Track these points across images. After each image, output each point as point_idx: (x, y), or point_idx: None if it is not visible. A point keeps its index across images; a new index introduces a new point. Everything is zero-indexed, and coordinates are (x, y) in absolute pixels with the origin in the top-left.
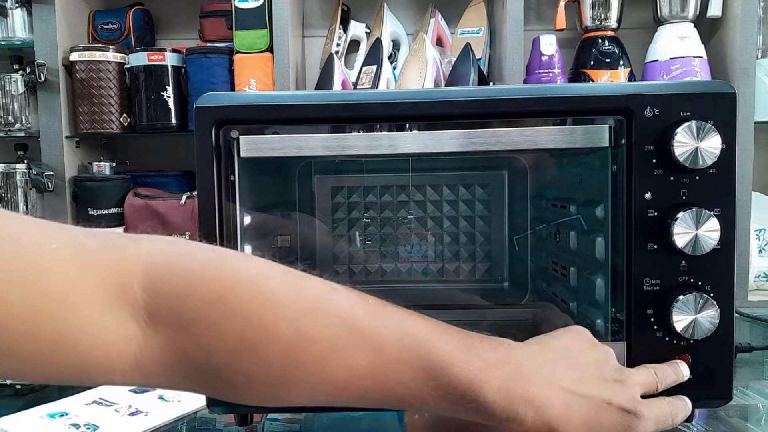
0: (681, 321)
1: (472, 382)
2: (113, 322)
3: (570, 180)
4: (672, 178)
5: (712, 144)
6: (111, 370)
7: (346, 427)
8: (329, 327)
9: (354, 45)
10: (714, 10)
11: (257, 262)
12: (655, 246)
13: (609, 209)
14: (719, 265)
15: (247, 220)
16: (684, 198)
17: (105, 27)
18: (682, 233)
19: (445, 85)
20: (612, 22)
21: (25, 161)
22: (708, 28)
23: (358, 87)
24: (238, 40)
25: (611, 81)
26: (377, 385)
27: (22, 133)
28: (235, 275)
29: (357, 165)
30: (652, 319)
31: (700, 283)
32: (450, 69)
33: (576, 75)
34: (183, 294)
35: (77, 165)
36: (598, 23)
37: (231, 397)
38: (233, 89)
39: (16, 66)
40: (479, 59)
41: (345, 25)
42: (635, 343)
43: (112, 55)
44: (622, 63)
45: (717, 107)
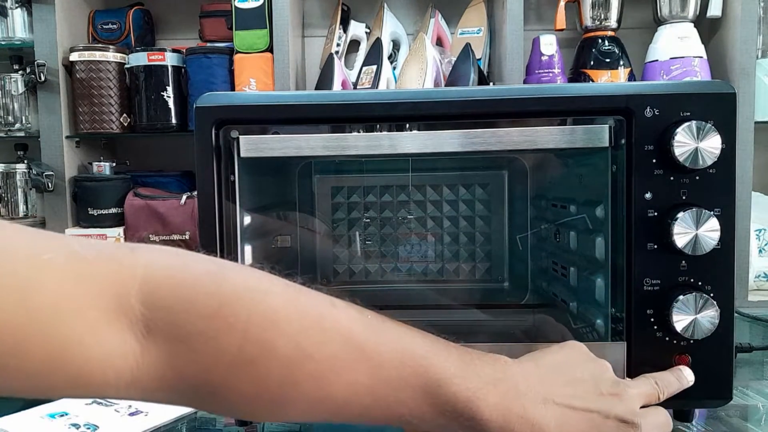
0: (681, 321)
1: (469, 399)
2: (110, 335)
3: (570, 180)
4: (672, 178)
5: (712, 144)
6: (106, 384)
7: (346, 428)
8: (328, 344)
9: (354, 45)
10: (714, 10)
11: (257, 275)
12: (655, 246)
13: (609, 209)
14: (719, 265)
15: (247, 220)
16: (684, 198)
17: (105, 27)
18: (682, 233)
19: (445, 85)
20: (612, 22)
21: (25, 161)
22: (708, 28)
23: (358, 87)
24: (238, 40)
25: (611, 81)
26: (376, 403)
27: (22, 133)
28: (234, 290)
29: (357, 165)
30: (652, 319)
31: (700, 283)
32: (450, 69)
33: (576, 75)
34: (181, 308)
35: (77, 165)
36: (598, 23)
37: (229, 414)
38: (233, 89)
39: (16, 66)
40: (479, 59)
41: (345, 25)
42: (635, 343)
43: (112, 55)
44: (622, 63)
45: (717, 107)
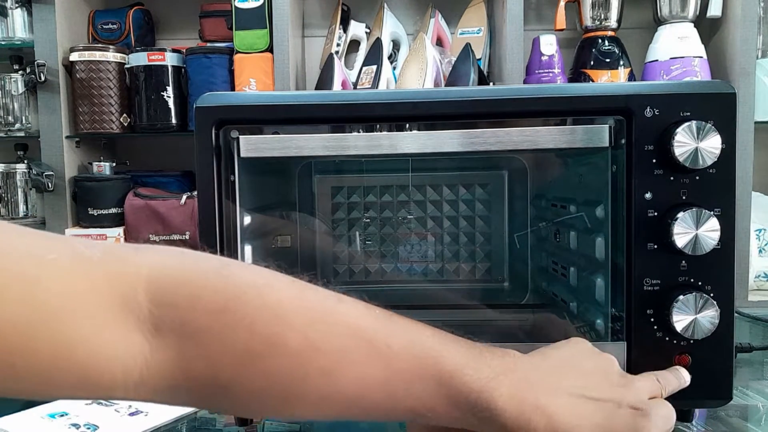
0: (681, 321)
1: (483, 390)
2: (117, 334)
3: (570, 180)
4: (672, 178)
5: (712, 144)
6: (114, 384)
7: (346, 427)
8: (337, 337)
9: (354, 45)
10: (714, 10)
11: (262, 272)
12: (655, 246)
13: (609, 209)
14: (719, 265)
15: (247, 220)
16: (684, 198)
17: (105, 27)
18: (682, 233)
19: (445, 85)
20: (612, 22)
21: (25, 161)
22: (708, 28)
23: (358, 87)
24: (238, 40)
25: (611, 81)
26: (388, 397)
27: (22, 133)
28: (241, 285)
29: (357, 165)
30: (652, 319)
31: (700, 283)
32: (450, 69)
33: (576, 75)
34: (188, 304)
35: (77, 165)
36: (598, 23)
37: (239, 412)
38: (233, 89)
39: (16, 66)
40: (479, 59)
41: (345, 25)
42: (635, 343)
43: (112, 55)
44: (622, 63)
45: (717, 107)
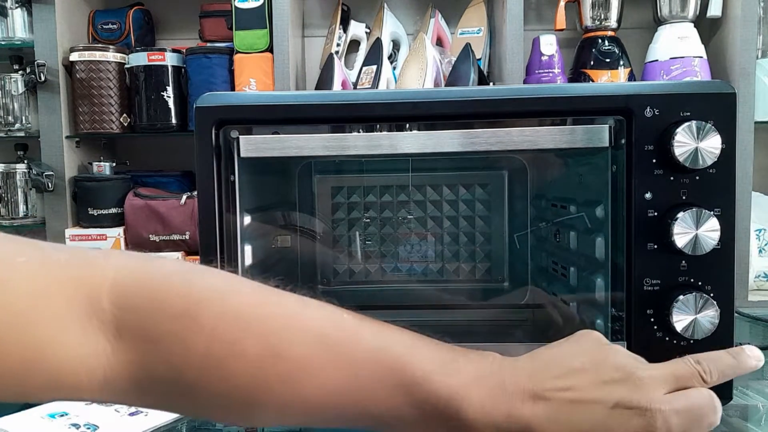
0: (681, 321)
1: (451, 397)
2: (82, 336)
3: (570, 180)
4: (672, 178)
5: (712, 144)
6: (79, 386)
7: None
8: (299, 344)
9: (354, 45)
10: (714, 10)
11: (226, 277)
12: (655, 246)
13: (609, 209)
14: (719, 265)
15: (247, 220)
16: (684, 198)
17: (105, 27)
18: (682, 233)
19: (445, 85)
20: (612, 22)
21: (25, 161)
22: (708, 28)
23: (358, 87)
24: (238, 40)
25: (611, 81)
26: (352, 404)
27: (22, 133)
28: (203, 290)
29: (357, 165)
30: (652, 319)
31: (700, 283)
32: (450, 69)
33: (576, 75)
34: (151, 308)
35: (77, 165)
36: (598, 23)
37: (201, 416)
38: (233, 89)
39: (16, 66)
40: (479, 59)
41: (345, 25)
42: (635, 343)
43: (112, 55)
44: (622, 63)
45: (717, 107)
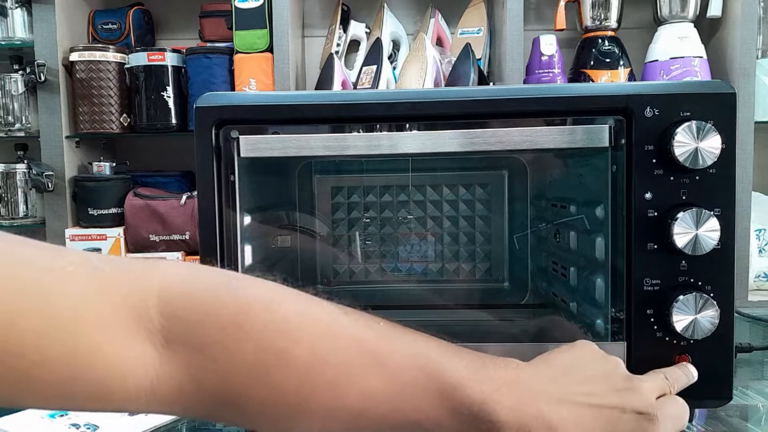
0: (681, 321)
1: (485, 402)
2: (130, 346)
3: (570, 180)
4: (672, 178)
5: (712, 144)
6: (127, 396)
7: None
8: (342, 350)
9: (354, 45)
10: (714, 10)
11: (270, 286)
12: (655, 246)
13: (609, 209)
14: (719, 265)
15: (247, 220)
16: (684, 198)
17: (105, 27)
18: (682, 233)
19: (445, 85)
20: (612, 22)
21: (25, 161)
22: (708, 28)
23: (358, 87)
24: (238, 40)
25: (611, 81)
26: (393, 410)
27: (22, 133)
28: (249, 300)
29: (357, 165)
30: (652, 319)
31: (700, 283)
32: (450, 69)
33: (576, 75)
34: (198, 318)
35: (77, 165)
36: (598, 23)
37: (248, 424)
38: (233, 89)
39: (16, 66)
40: (479, 59)
41: (345, 25)
42: (635, 343)
43: (112, 55)
44: (622, 63)
45: (717, 107)
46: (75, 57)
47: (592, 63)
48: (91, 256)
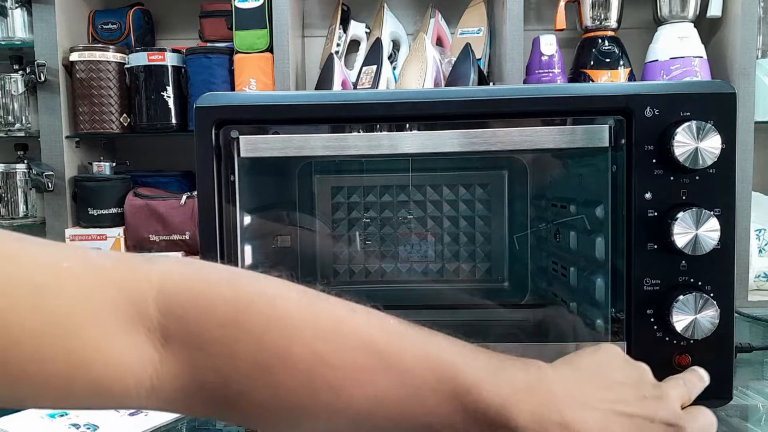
0: (681, 321)
1: (502, 406)
2: (128, 343)
3: (570, 180)
4: (672, 178)
5: (712, 144)
6: (126, 393)
7: None
8: (347, 351)
9: (354, 45)
10: (714, 10)
11: (273, 282)
12: (655, 246)
13: (609, 209)
14: (719, 265)
15: (247, 220)
16: (684, 198)
17: (105, 27)
18: (682, 233)
19: (445, 85)
20: (612, 22)
21: (25, 161)
22: (708, 28)
23: (358, 87)
24: (238, 40)
25: (611, 81)
26: (402, 413)
27: (22, 133)
28: (250, 297)
29: (357, 165)
30: (652, 319)
31: (700, 283)
32: (450, 69)
33: (576, 75)
34: (198, 315)
35: (77, 165)
36: (598, 23)
37: (250, 424)
38: (233, 89)
39: (16, 66)
40: (479, 59)
41: (345, 25)
42: (635, 343)
43: (112, 55)
44: (622, 63)
45: (717, 107)
46: (75, 57)
47: (592, 63)
48: (90, 251)
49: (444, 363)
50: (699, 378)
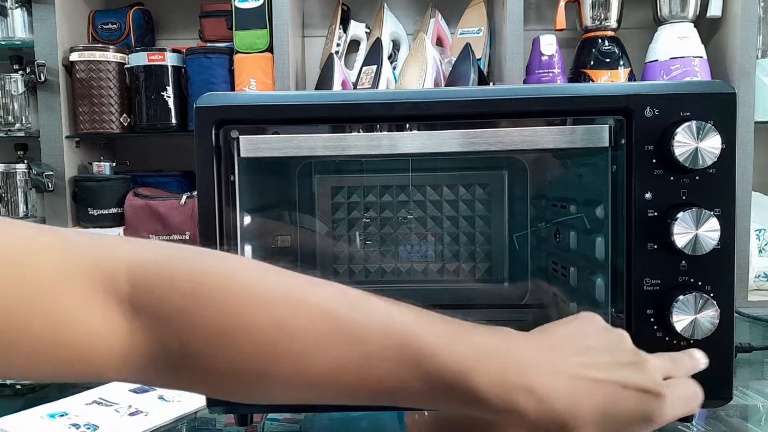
0: (681, 321)
1: (461, 371)
2: (102, 313)
3: (570, 180)
4: (672, 178)
5: (712, 144)
6: (103, 362)
7: (345, 427)
8: (306, 319)
9: (354, 45)
10: (714, 10)
11: (234, 258)
12: (655, 246)
13: (609, 209)
14: (719, 265)
15: (247, 220)
16: (684, 198)
17: (105, 27)
18: (682, 233)
19: (445, 85)
20: (612, 22)
21: (25, 161)
22: (708, 28)
23: (358, 87)
24: (238, 40)
25: (611, 81)
26: (363, 380)
27: (22, 133)
28: (212, 269)
29: (357, 165)
30: (652, 319)
31: (700, 283)
32: (450, 69)
33: (576, 75)
34: (163, 287)
35: (77, 165)
36: (598, 23)
37: (213, 392)
38: (233, 89)
39: (16, 66)
40: (479, 59)
41: (345, 25)
42: (635, 343)
43: (112, 55)
44: (622, 63)
45: (717, 107)
46: (75, 57)
47: (592, 63)
48: (65, 230)
49: (404, 330)
50: (690, 357)
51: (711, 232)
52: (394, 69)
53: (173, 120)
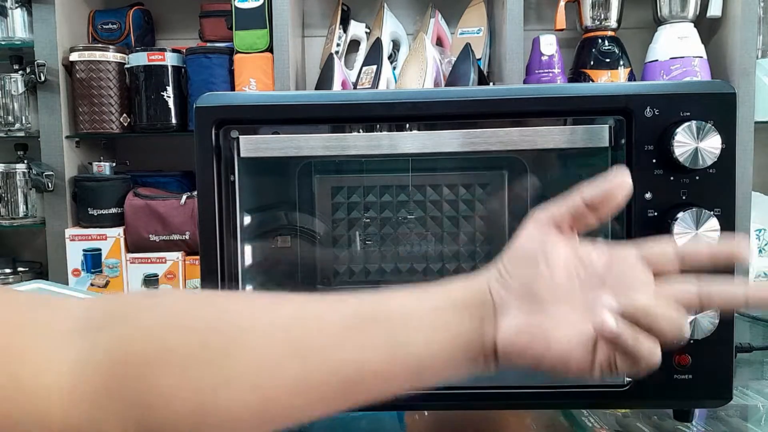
0: None
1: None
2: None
3: (570, 180)
4: (672, 178)
5: (712, 144)
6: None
7: (345, 427)
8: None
9: (354, 45)
10: (714, 10)
11: (174, 292)
12: None
13: None
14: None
15: (247, 220)
16: (684, 198)
17: (105, 27)
18: (682, 233)
19: (445, 85)
20: (612, 22)
21: (25, 161)
22: (708, 28)
23: (358, 87)
24: (238, 40)
25: (611, 81)
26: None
27: (22, 133)
28: (159, 300)
29: (357, 165)
30: None
31: None
32: (450, 69)
33: (576, 75)
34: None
35: (77, 165)
36: (598, 23)
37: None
38: (233, 89)
39: (16, 66)
40: (479, 59)
41: (345, 25)
42: None
43: (112, 55)
44: (622, 63)
45: (717, 107)
46: (75, 57)
47: (592, 63)
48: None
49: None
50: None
51: (711, 232)
52: (394, 69)
53: (173, 120)
